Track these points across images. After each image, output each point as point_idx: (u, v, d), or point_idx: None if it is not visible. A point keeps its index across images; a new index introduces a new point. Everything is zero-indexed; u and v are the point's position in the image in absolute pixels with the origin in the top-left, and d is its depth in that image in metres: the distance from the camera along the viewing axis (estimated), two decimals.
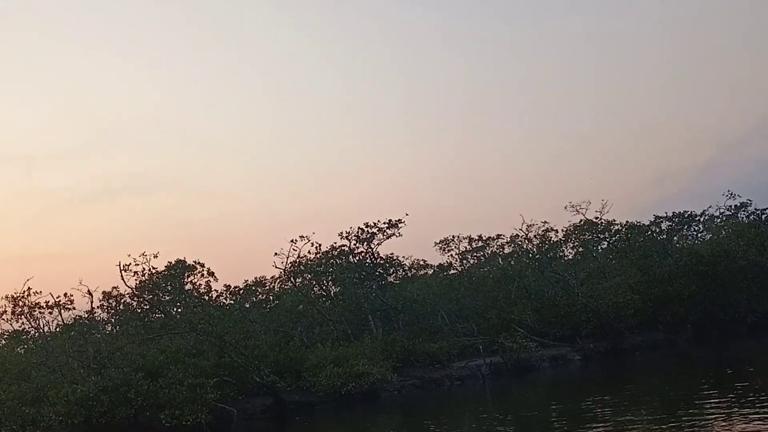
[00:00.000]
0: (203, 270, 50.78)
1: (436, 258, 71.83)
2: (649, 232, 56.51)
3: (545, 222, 56.62)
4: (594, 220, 56.48)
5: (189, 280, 51.11)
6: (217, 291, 53.77)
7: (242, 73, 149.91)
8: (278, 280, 58.75)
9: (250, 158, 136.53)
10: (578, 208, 54.95)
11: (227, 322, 39.29)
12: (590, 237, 59.09)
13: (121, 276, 41.04)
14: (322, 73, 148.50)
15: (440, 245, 71.58)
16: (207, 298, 49.53)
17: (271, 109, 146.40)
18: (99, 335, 45.64)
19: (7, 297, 44.10)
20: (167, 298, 49.36)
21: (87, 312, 47.22)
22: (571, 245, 62.08)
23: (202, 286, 50.82)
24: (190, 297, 48.38)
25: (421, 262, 69.99)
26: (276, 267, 51.15)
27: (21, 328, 49.91)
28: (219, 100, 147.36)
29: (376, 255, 51.35)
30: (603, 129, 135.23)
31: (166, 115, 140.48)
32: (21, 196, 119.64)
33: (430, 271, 68.50)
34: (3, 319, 45.44)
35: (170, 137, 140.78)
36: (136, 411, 33.64)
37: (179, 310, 47.87)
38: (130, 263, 40.92)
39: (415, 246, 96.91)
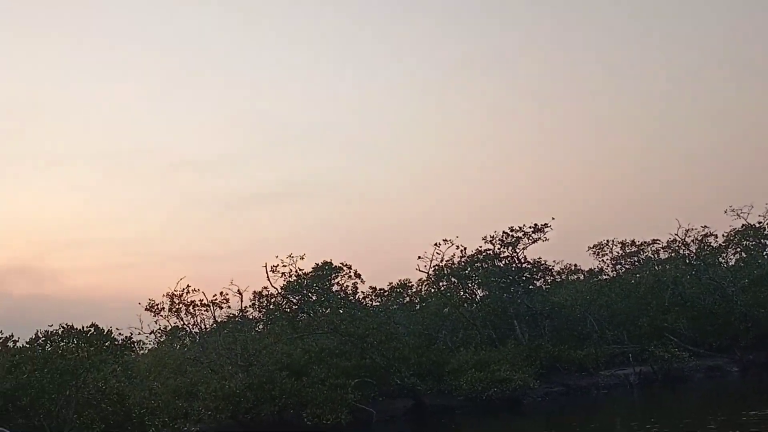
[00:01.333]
0: (350, 272, 51.53)
1: (588, 263, 70.16)
2: None
3: (705, 227, 54.14)
4: (757, 225, 53.40)
5: (336, 281, 51.97)
6: (363, 293, 54.46)
7: (403, 77, 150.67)
8: (424, 283, 58.79)
9: (408, 162, 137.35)
10: (739, 212, 52.07)
11: (370, 324, 39.53)
12: (753, 243, 55.78)
13: (267, 277, 42.37)
14: (473, 76, 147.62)
15: (593, 250, 69.86)
16: (353, 299, 50.12)
17: (432, 111, 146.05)
18: (249, 333, 47.05)
19: (167, 294, 46.27)
20: (314, 298, 50.33)
21: (239, 311, 48.85)
22: (733, 251, 58.87)
23: (349, 288, 51.58)
24: (335, 298, 49.13)
25: (572, 267, 68.40)
26: (419, 270, 51.14)
27: (178, 325, 52.17)
28: (381, 104, 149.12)
29: (521, 259, 50.30)
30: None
31: (329, 120, 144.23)
32: (193, 199, 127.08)
33: (581, 276, 66.77)
34: (161, 316, 47.68)
35: (333, 142, 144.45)
36: (280, 408, 34.28)
37: (326, 311, 48.67)
38: (277, 264, 42.17)
39: (566, 250, 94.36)
